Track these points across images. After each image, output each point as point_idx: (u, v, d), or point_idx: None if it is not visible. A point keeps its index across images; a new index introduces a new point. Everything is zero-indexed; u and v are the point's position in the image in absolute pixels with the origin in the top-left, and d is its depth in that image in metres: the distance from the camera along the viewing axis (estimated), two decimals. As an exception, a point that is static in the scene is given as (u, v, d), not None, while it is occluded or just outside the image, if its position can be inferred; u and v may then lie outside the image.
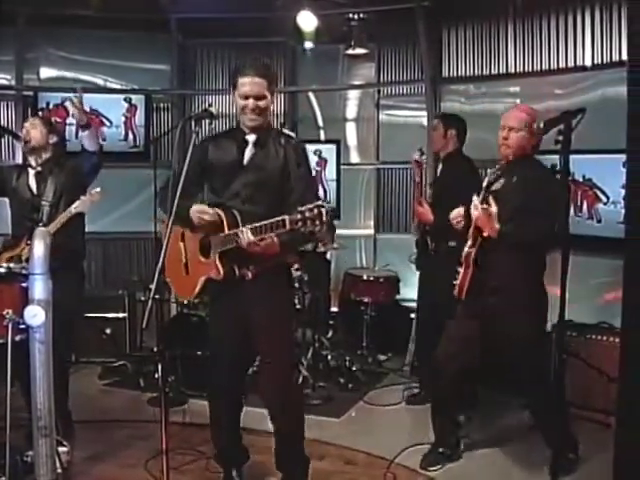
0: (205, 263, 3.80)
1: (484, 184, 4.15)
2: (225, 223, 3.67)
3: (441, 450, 4.58)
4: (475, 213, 4.07)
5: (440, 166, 5.74)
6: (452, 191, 5.22)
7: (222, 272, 3.71)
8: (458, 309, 4.47)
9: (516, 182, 4.12)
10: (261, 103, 3.69)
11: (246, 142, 3.80)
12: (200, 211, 3.72)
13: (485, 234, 4.08)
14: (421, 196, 5.56)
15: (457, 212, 4.36)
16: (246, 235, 3.50)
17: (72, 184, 4.65)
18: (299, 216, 3.24)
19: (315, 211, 3.21)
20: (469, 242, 4.22)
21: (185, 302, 6.05)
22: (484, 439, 4.86)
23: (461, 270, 4.31)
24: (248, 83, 3.66)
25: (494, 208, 4.01)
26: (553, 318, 4.01)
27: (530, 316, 4.19)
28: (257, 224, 3.47)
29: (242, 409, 4.17)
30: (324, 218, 3.21)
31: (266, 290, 3.79)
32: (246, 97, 3.67)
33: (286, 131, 4.21)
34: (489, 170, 4.11)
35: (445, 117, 5.89)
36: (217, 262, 3.72)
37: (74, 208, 4.54)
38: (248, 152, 3.80)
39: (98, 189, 4.64)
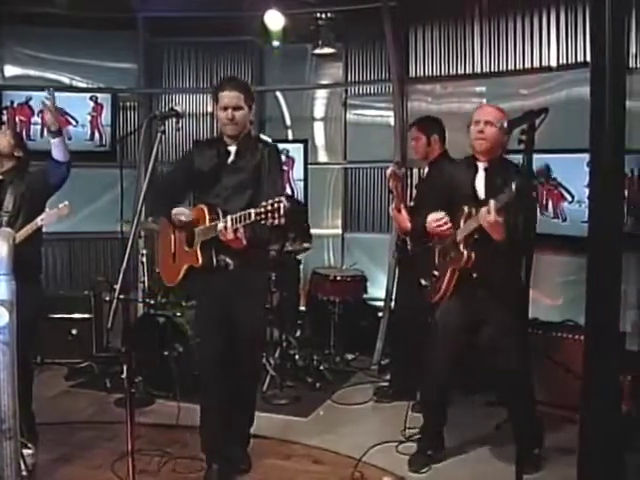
0: (188, 252, 4.19)
1: (511, 192, 3.85)
2: (207, 217, 4.06)
3: (430, 452, 4.59)
4: (490, 219, 3.94)
5: (426, 169, 5.67)
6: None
7: (200, 260, 4.09)
8: (445, 310, 4.46)
9: (503, 186, 3.99)
10: (237, 114, 4.14)
11: (228, 152, 4.24)
12: (178, 213, 4.15)
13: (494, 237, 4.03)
14: (400, 204, 5.47)
15: (436, 216, 4.35)
16: (223, 224, 3.84)
17: (32, 195, 4.53)
18: (262, 209, 3.58)
19: (275, 205, 3.56)
20: (462, 245, 4.20)
21: (152, 302, 6.02)
22: (452, 438, 4.88)
23: (444, 274, 4.33)
24: (226, 96, 4.13)
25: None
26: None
27: (521, 312, 4.22)
28: (230, 216, 3.84)
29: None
30: (282, 212, 3.54)
31: (246, 280, 4.19)
32: (225, 108, 4.13)
33: (263, 137, 4.51)
34: (517, 179, 3.88)
35: (424, 124, 5.66)
36: (198, 251, 4.10)
37: (40, 220, 4.45)
38: (230, 159, 4.24)
39: (66, 202, 4.53)
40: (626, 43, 4.04)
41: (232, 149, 4.24)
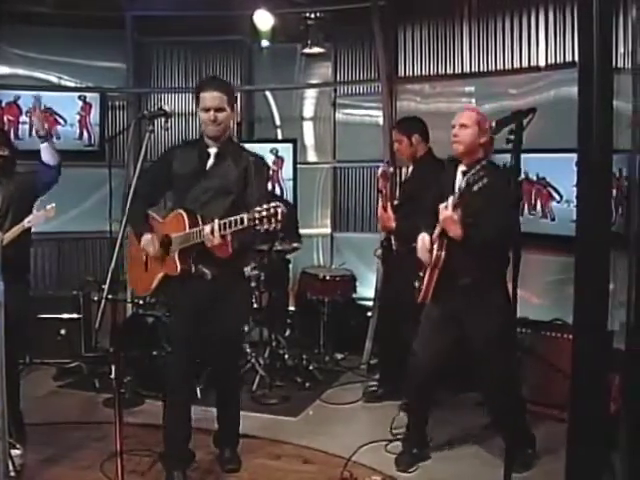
0: (164, 260, 4.04)
1: (462, 185, 3.98)
2: (187, 222, 3.95)
3: (415, 451, 4.61)
4: (446, 213, 4.04)
5: (411, 167, 5.67)
6: (422, 195, 5.22)
7: (179, 268, 3.98)
8: (427, 311, 4.50)
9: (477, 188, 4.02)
10: (220, 115, 4.05)
11: (208, 154, 4.14)
12: (145, 244, 4.09)
13: (450, 235, 4.10)
14: (387, 203, 5.50)
15: (423, 244, 4.39)
16: (210, 228, 3.76)
17: (21, 196, 4.52)
18: (256, 215, 3.51)
19: (272, 210, 3.50)
20: (436, 245, 4.24)
21: (141, 302, 6.01)
22: (442, 437, 4.89)
23: (425, 274, 4.35)
24: (208, 97, 4.03)
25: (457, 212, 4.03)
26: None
27: (499, 312, 4.19)
28: (218, 221, 3.74)
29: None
30: (279, 217, 3.49)
31: (224, 292, 4.12)
32: (207, 110, 4.03)
33: (248, 149, 4.35)
34: (471, 171, 3.93)
35: (403, 125, 5.67)
36: (176, 259, 3.97)
37: (27, 222, 4.44)
38: (210, 162, 4.14)
39: (53, 205, 4.54)
40: (614, 43, 4.06)
41: (212, 151, 4.15)
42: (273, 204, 3.52)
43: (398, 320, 5.58)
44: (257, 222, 3.54)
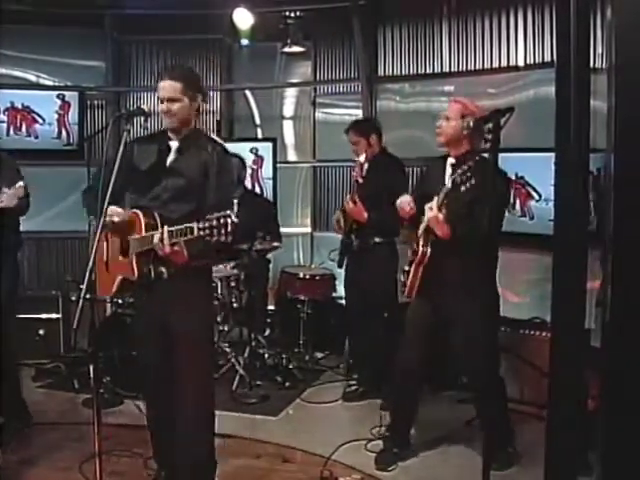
0: (123, 263, 3.73)
1: (448, 185, 4.00)
2: (142, 224, 3.61)
3: (396, 450, 4.62)
4: (431, 214, 4.05)
5: (366, 166, 5.69)
6: (379, 191, 5.29)
7: (137, 273, 3.64)
8: (413, 308, 4.51)
9: (464, 185, 3.95)
10: (174, 106, 3.68)
11: (169, 148, 3.77)
12: (110, 213, 3.57)
13: (438, 234, 4.11)
14: (355, 196, 5.57)
15: (405, 199, 4.40)
16: (159, 237, 3.44)
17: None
18: (207, 224, 3.19)
19: (221, 221, 3.17)
20: (421, 241, 4.25)
21: (120, 302, 5.98)
22: (422, 435, 4.90)
23: (410, 269, 4.36)
24: (161, 87, 3.68)
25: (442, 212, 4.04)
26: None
27: (484, 311, 4.22)
28: (170, 228, 3.41)
29: None
30: (229, 229, 3.15)
31: (183, 293, 3.70)
32: (161, 101, 3.70)
33: (215, 137, 3.96)
34: (458, 171, 3.89)
35: (360, 127, 5.80)
36: (133, 262, 3.65)
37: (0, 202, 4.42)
38: (171, 157, 3.76)
39: (21, 183, 4.49)
40: (592, 43, 4.09)
41: (174, 145, 3.78)
42: (222, 213, 3.17)
43: (368, 319, 5.63)
44: (207, 232, 3.19)
